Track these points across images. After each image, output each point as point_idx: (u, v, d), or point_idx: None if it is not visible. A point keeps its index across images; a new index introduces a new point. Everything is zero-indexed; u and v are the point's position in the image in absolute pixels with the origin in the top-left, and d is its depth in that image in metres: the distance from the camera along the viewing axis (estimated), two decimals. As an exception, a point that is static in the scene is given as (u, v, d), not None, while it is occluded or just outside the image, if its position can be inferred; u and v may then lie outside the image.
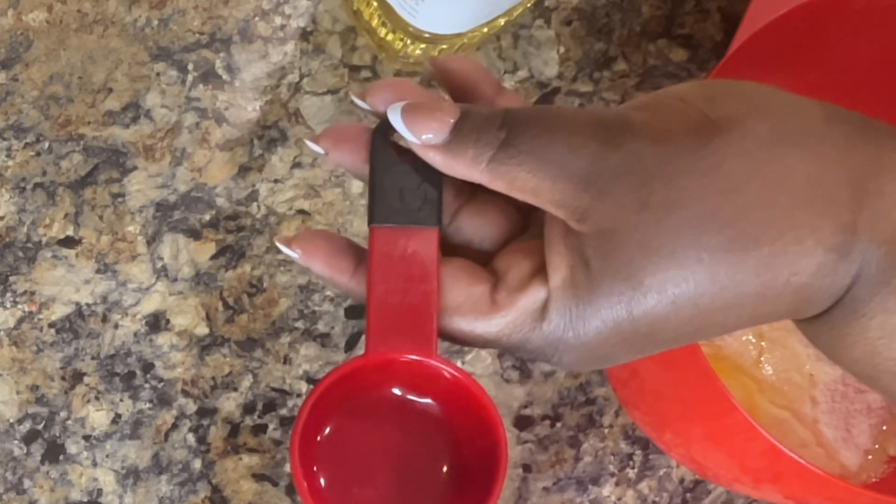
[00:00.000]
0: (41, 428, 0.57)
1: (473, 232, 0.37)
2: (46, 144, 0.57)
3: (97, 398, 0.57)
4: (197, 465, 0.57)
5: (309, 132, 0.59)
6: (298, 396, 0.58)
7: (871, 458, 0.58)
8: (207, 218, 0.58)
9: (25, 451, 0.56)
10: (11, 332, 0.57)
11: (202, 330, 0.58)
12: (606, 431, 0.60)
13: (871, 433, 0.58)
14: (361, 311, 0.59)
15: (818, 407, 0.58)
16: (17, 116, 0.57)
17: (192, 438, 0.57)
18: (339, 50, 0.60)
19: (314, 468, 0.35)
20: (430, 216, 0.35)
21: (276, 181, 0.59)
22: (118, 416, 0.57)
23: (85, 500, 0.57)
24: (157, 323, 0.57)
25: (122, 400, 0.57)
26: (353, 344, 0.59)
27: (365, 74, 0.60)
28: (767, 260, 0.32)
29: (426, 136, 0.34)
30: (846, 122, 0.33)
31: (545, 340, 0.34)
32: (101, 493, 0.57)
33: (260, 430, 0.58)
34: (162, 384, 0.57)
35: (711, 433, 0.51)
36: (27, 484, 0.56)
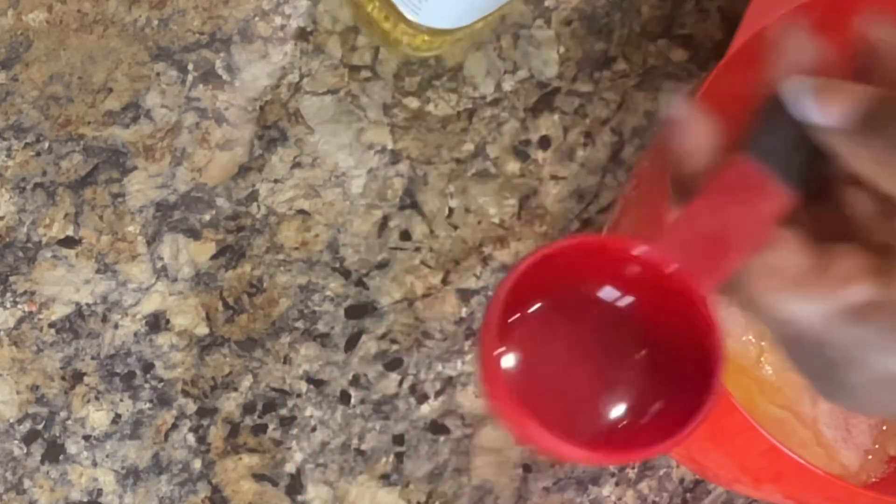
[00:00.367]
0: (41, 428, 0.57)
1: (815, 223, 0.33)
2: (46, 144, 0.57)
3: (97, 398, 0.57)
4: (197, 465, 0.57)
5: (308, 132, 0.59)
6: (298, 396, 0.58)
7: (871, 458, 0.58)
8: (207, 218, 0.58)
9: (25, 451, 0.56)
10: (11, 332, 0.57)
11: (202, 330, 0.58)
12: (606, 431, 0.60)
13: (871, 433, 0.58)
14: (361, 311, 0.59)
15: (818, 407, 0.58)
16: (17, 116, 0.57)
17: (192, 438, 0.57)
18: (339, 50, 0.60)
19: (502, 348, 0.33)
20: (796, 180, 0.33)
21: (276, 181, 0.59)
22: (118, 416, 0.57)
23: (85, 500, 0.57)
24: (157, 323, 0.57)
25: (122, 400, 0.57)
26: (353, 344, 0.59)
27: (365, 74, 0.60)
28: None
29: (834, 117, 0.31)
30: None
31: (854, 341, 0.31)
32: (101, 493, 0.57)
33: (260, 430, 0.58)
34: (162, 384, 0.57)
35: (711, 433, 0.51)
36: (27, 484, 0.56)
